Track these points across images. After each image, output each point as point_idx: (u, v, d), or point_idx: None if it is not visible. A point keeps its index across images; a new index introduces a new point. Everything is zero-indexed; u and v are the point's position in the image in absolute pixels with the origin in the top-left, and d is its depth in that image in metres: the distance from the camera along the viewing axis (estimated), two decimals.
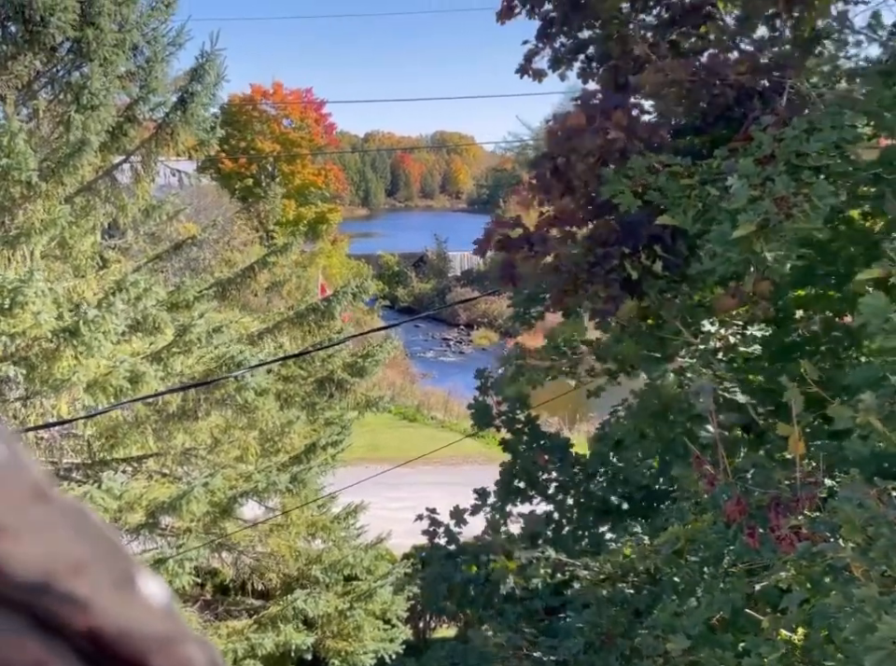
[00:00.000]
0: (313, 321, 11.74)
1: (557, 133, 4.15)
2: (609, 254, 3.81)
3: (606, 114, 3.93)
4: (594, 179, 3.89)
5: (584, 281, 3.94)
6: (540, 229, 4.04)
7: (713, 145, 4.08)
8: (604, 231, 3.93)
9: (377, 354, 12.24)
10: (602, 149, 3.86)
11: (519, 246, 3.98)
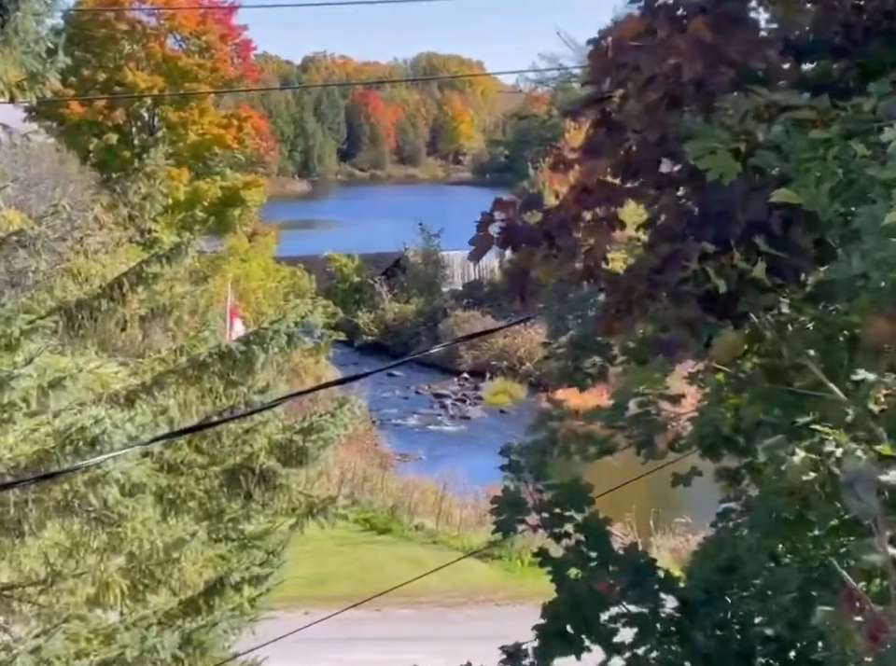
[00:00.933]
0: (219, 373, 11.81)
1: (606, 54, 4.22)
2: (679, 252, 3.86)
3: (677, 21, 4.02)
4: (655, 128, 3.95)
5: (642, 296, 3.98)
6: (567, 212, 4.11)
7: (864, 77, 4.13)
8: (672, 216, 3.98)
9: (327, 428, 12.30)
10: (670, 79, 3.93)
11: (534, 240, 4.04)
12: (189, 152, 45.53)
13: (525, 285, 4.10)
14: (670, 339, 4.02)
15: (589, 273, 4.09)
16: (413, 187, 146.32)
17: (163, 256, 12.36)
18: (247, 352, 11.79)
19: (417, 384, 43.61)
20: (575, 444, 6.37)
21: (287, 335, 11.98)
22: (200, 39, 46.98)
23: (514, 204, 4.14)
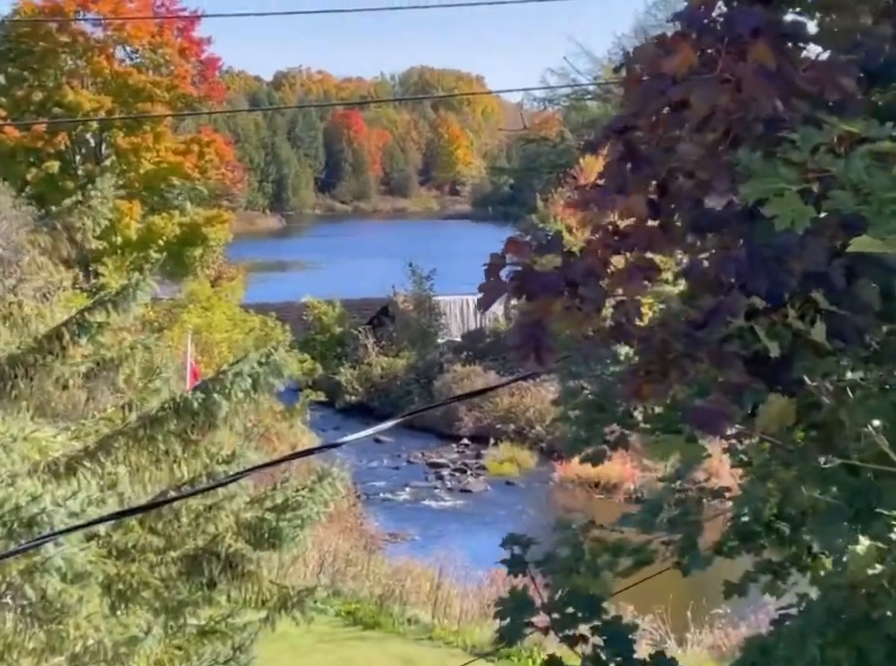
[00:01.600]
0: (175, 433, 11.75)
1: (641, 80, 4.23)
2: (724, 306, 3.84)
3: (735, 44, 4.02)
4: (721, 174, 3.94)
5: (679, 356, 3.95)
6: (593, 256, 4.10)
7: None
8: (715, 263, 3.97)
9: (304, 505, 12.35)
10: (731, 115, 3.94)
11: (554, 289, 4.03)
12: (141, 183, 45.80)
13: (540, 341, 4.06)
14: (712, 409, 3.98)
15: (618, 330, 4.07)
16: (403, 221, 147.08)
17: (109, 302, 12.36)
18: (207, 401, 11.78)
19: (409, 452, 43.47)
20: (604, 557, 6.30)
21: (252, 377, 11.98)
22: (155, 53, 47.40)
23: (530, 246, 4.13)
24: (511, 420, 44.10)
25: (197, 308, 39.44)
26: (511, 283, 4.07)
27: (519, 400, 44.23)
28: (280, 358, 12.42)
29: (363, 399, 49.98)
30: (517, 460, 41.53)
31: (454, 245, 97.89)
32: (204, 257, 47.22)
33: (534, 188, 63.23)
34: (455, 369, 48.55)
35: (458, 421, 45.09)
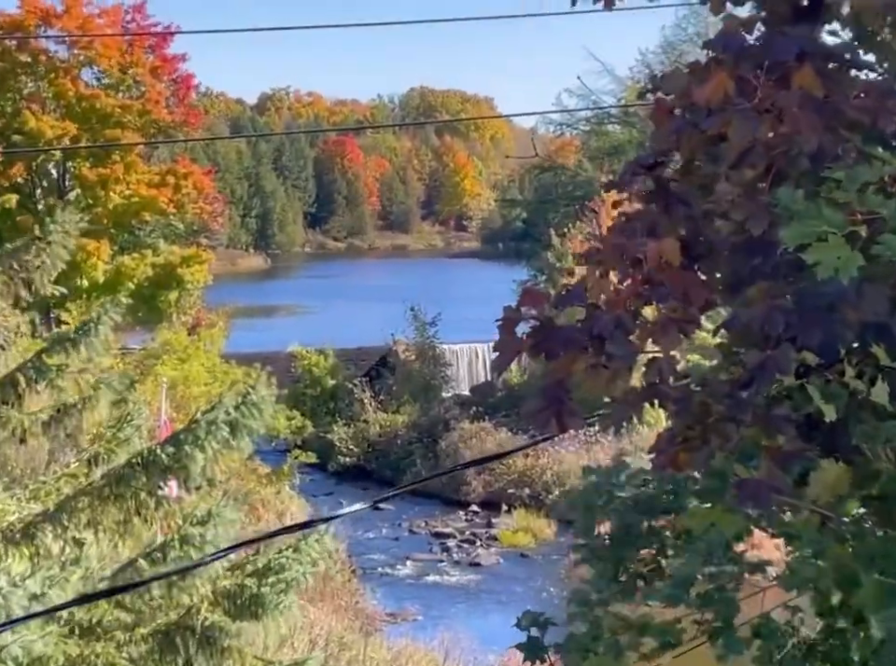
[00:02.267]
0: (145, 488, 11.68)
1: (672, 112, 4.23)
2: (771, 363, 3.81)
3: (776, 70, 4.00)
4: (760, 216, 3.92)
5: (721, 420, 3.93)
6: (621, 307, 4.07)
7: None
8: (761, 314, 3.94)
9: (288, 566, 12.36)
10: (772, 150, 3.92)
11: (577, 345, 4.00)
12: (110, 219, 45.91)
13: (562, 404, 4.03)
14: (760, 481, 3.94)
15: (652, 391, 4.04)
16: (404, 260, 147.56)
17: (68, 341, 12.36)
18: (179, 454, 11.75)
19: (411, 520, 43.29)
20: (626, 636, 6.21)
21: (229, 424, 11.94)
22: (125, 74, 47.66)
23: (548, 297, 4.11)
24: (526, 484, 43.92)
25: (172, 359, 39.41)
26: (527, 340, 4.05)
27: (535, 462, 44.07)
28: (259, 398, 12.39)
29: (359, 461, 49.82)
30: (533, 529, 41.33)
31: (460, 287, 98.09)
32: (180, 302, 47.21)
33: (549, 223, 63.28)
34: (463, 427, 48.38)
35: (466, 485, 44.89)
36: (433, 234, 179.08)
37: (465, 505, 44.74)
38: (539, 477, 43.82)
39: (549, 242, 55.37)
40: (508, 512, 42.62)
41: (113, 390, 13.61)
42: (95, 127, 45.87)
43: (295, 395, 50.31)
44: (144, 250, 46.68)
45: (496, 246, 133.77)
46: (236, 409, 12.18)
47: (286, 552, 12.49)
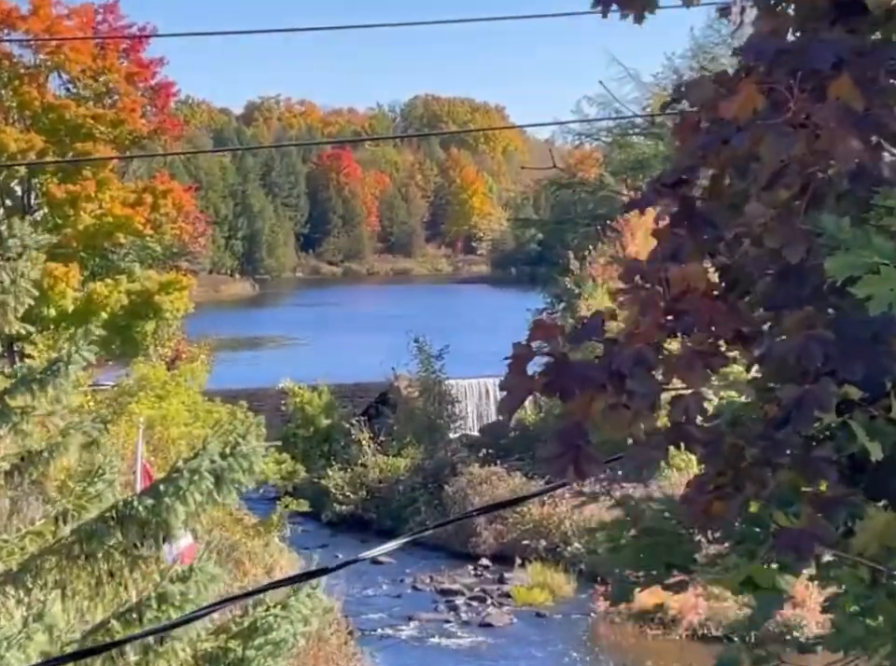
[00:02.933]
0: (120, 546, 11.64)
1: (698, 126, 4.24)
2: (810, 399, 3.82)
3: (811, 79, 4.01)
4: (796, 242, 3.92)
5: (756, 464, 3.93)
6: (643, 340, 4.07)
7: None
8: (798, 345, 3.95)
9: (276, 626, 12.35)
10: (808, 169, 3.92)
11: (594, 383, 4.00)
12: (80, 241, 46.04)
13: (580, 449, 4.04)
14: (801, 531, 3.95)
15: (678, 432, 4.04)
16: (407, 286, 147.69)
17: (34, 381, 12.35)
18: (158, 508, 11.72)
19: (414, 575, 43.21)
20: None
21: (214, 474, 11.91)
22: (96, 81, 47.82)
23: (562, 330, 4.11)
24: (543, 534, 43.81)
25: (149, 396, 39.41)
26: (540, 378, 4.04)
27: (552, 510, 43.93)
28: (250, 449, 12.37)
29: (357, 509, 49.74)
30: (550, 585, 41.21)
31: (469, 316, 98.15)
32: (158, 333, 47.30)
33: (567, 245, 63.37)
34: (472, 471, 48.32)
35: (476, 536, 44.79)
36: (439, 257, 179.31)
37: (474, 558, 44.62)
38: (556, 527, 43.68)
39: (567, 267, 55.39)
40: (522, 566, 42.50)
41: (84, 433, 13.60)
42: (64, 139, 46.06)
43: (285, 436, 50.26)
44: (118, 275, 46.76)
45: (508, 271, 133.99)
46: (223, 458, 12.15)
47: (274, 610, 12.47)
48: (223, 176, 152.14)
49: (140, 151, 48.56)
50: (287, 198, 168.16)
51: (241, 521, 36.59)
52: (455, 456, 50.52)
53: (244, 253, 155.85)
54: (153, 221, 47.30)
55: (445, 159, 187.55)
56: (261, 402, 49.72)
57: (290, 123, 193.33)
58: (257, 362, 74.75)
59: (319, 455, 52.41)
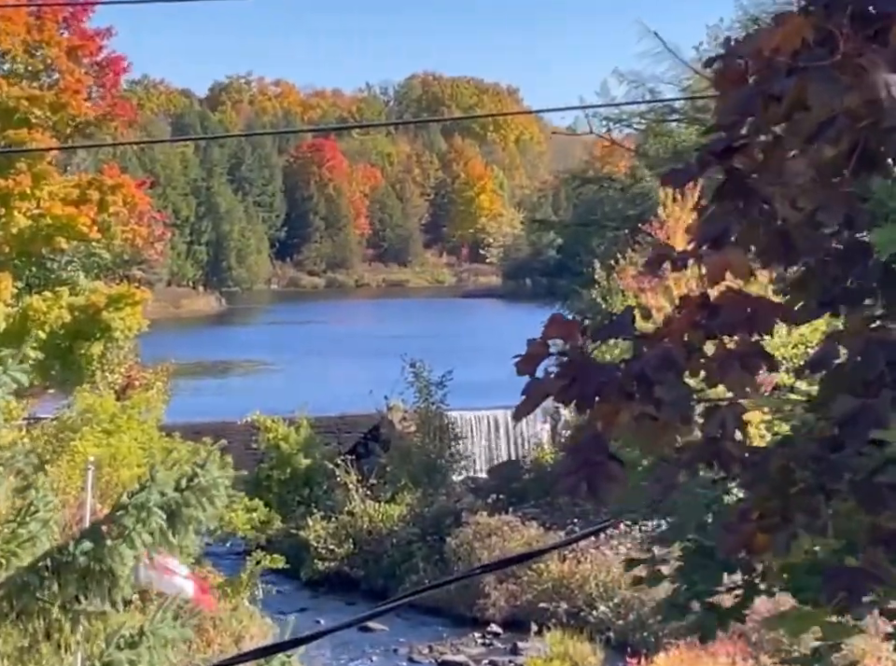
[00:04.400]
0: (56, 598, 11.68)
1: (744, 77, 4.25)
2: (868, 413, 3.85)
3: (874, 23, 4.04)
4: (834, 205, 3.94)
5: (808, 489, 3.95)
6: (674, 342, 4.09)
7: None
8: (856, 350, 3.98)
9: None
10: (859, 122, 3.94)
11: (617, 389, 4.03)
12: (13, 247, 46.14)
13: (598, 465, 4.07)
14: (854, 571, 3.98)
15: (712, 449, 4.07)
16: (402, 301, 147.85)
17: None
18: (99, 552, 11.73)
19: (411, 645, 43.21)
20: None
21: (166, 509, 11.91)
22: (33, 56, 47.94)
23: (581, 326, 4.14)
24: (563, 596, 43.78)
25: (95, 431, 39.44)
26: (555, 381, 4.07)
27: (574, 567, 43.93)
28: (209, 480, 12.37)
29: (342, 566, 49.65)
30: (573, 657, 41.14)
31: (476, 336, 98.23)
32: (106, 357, 47.30)
33: (592, 252, 63.41)
34: (479, 521, 48.24)
35: (484, 597, 44.76)
36: (440, 267, 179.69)
37: (482, 623, 44.58)
38: (579, 587, 43.64)
39: (592, 277, 55.36)
40: (539, 634, 42.41)
41: (17, 474, 13.62)
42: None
43: (258, 479, 50.26)
44: (58, 287, 46.73)
45: (522, 282, 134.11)
46: (179, 492, 12.16)
47: None
48: (184, 170, 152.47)
49: (85, 140, 48.58)
50: (261, 196, 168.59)
51: (204, 580, 36.57)
52: (460, 503, 50.46)
53: (208, 261, 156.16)
54: (100, 223, 47.32)
55: (447, 150, 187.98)
56: (229, 438, 49.50)
57: (264, 107, 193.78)
58: (223, 391, 74.78)
59: (297, 502, 52.34)
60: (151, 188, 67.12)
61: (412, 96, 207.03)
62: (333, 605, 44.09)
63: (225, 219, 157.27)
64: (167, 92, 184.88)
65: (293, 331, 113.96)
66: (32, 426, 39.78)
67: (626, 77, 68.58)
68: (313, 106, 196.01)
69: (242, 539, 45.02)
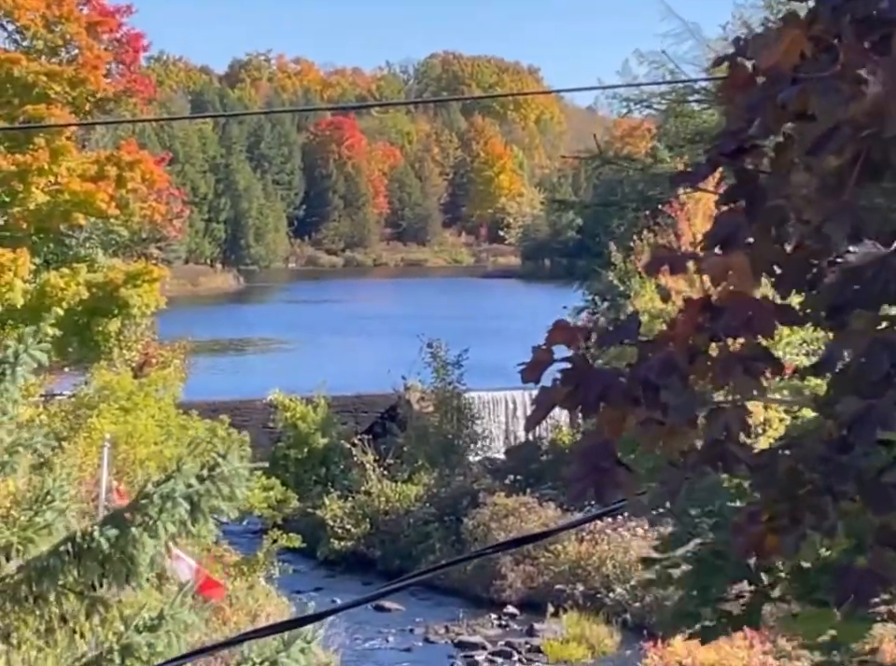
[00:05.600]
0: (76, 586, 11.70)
1: (752, 80, 4.26)
2: (875, 414, 3.85)
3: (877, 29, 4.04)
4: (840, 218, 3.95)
5: (816, 491, 3.94)
6: (679, 345, 4.09)
7: None
8: (863, 351, 3.97)
9: None
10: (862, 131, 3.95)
11: (621, 395, 4.03)
12: (31, 223, 46.08)
13: (605, 471, 4.07)
14: (862, 572, 3.98)
15: (716, 452, 4.06)
16: (420, 280, 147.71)
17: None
18: (122, 540, 11.73)
19: (427, 625, 43.23)
20: None
21: (189, 500, 11.91)
22: (52, 31, 47.90)
23: (586, 333, 4.14)
24: (580, 578, 43.76)
25: (112, 409, 39.46)
26: (560, 388, 4.07)
27: (591, 548, 43.93)
28: (231, 471, 12.36)
29: (359, 546, 49.71)
30: (589, 639, 41.15)
31: (494, 317, 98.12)
32: (124, 334, 47.29)
33: (612, 232, 63.32)
34: (497, 501, 48.24)
35: (500, 579, 44.78)
36: (459, 247, 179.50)
37: (499, 605, 44.59)
38: (596, 569, 43.64)
39: (609, 260, 55.31)
40: (555, 615, 42.45)
41: (34, 451, 13.63)
42: (13, 101, 46.03)
43: (274, 458, 50.38)
44: (76, 264, 46.71)
45: (541, 263, 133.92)
46: (201, 481, 12.15)
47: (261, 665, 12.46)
48: (203, 147, 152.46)
49: (104, 116, 48.53)
50: (279, 174, 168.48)
51: (220, 559, 36.63)
52: (477, 483, 50.48)
53: (226, 239, 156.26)
54: (118, 199, 47.18)
55: (467, 130, 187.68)
56: (246, 417, 49.84)
57: (283, 85, 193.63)
58: (241, 369, 74.93)
59: (314, 481, 52.41)
60: (170, 165, 67.12)
61: (431, 75, 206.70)
62: (349, 585, 44.12)
63: (243, 197, 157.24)
64: (186, 69, 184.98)
65: (311, 310, 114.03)
66: (49, 403, 39.83)
67: (647, 58, 68.38)
68: (332, 84, 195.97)
69: (258, 518, 45.10)
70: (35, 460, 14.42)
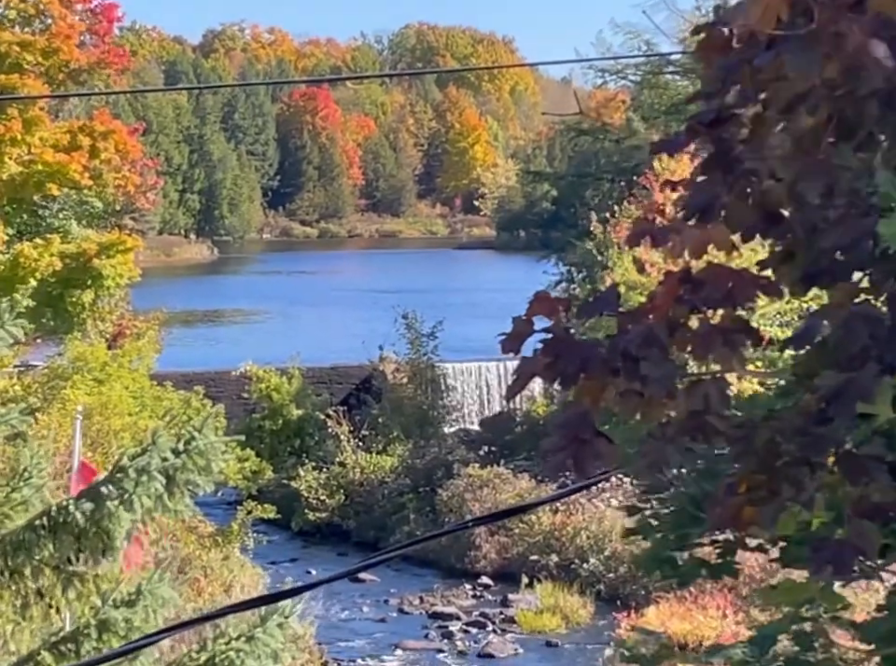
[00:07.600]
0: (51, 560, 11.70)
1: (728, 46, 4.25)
2: (853, 388, 3.85)
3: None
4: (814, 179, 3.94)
5: (793, 462, 3.94)
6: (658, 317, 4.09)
7: None
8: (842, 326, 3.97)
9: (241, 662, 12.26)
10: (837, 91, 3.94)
11: (601, 366, 4.03)
12: (5, 193, 45.91)
13: (584, 443, 4.07)
14: (840, 543, 3.98)
15: (696, 423, 4.07)
16: (395, 252, 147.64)
17: None
18: (98, 514, 11.70)
19: (401, 596, 43.23)
20: None
21: (165, 474, 11.89)
22: (24, 1, 47.69)
23: (566, 304, 4.14)
24: (554, 549, 43.79)
25: (86, 380, 39.40)
26: (540, 358, 4.06)
27: (565, 519, 43.95)
28: (207, 444, 12.34)
29: (333, 517, 49.67)
30: (563, 609, 41.21)
31: (469, 288, 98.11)
32: (97, 305, 47.17)
33: (587, 204, 63.32)
34: (471, 472, 48.23)
35: (475, 550, 44.79)
36: (433, 218, 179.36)
37: (473, 576, 44.61)
38: (570, 539, 43.67)
39: (587, 229, 55.26)
40: (529, 586, 42.48)
41: (7, 424, 13.58)
42: None
43: (249, 429, 50.22)
44: (50, 235, 46.57)
45: (516, 234, 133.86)
46: (176, 455, 12.12)
47: (237, 644, 12.41)
48: (177, 118, 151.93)
49: (77, 87, 48.36)
50: (253, 145, 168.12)
51: (195, 530, 36.60)
52: (451, 454, 50.46)
53: (200, 210, 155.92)
54: (92, 170, 47.07)
55: (442, 101, 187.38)
56: (220, 388, 49.78)
57: (257, 55, 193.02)
58: (215, 340, 74.84)
59: (289, 452, 52.38)
60: (143, 136, 67.01)
61: (406, 45, 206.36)
62: (324, 556, 44.21)
63: (217, 168, 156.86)
64: (160, 39, 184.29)
65: (285, 281, 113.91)
66: (23, 374, 39.74)
67: (622, 28, 68.38)
68: (306, 55, 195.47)
69: (233, 489, 45.00)
70: (9, 432, 14.31)
